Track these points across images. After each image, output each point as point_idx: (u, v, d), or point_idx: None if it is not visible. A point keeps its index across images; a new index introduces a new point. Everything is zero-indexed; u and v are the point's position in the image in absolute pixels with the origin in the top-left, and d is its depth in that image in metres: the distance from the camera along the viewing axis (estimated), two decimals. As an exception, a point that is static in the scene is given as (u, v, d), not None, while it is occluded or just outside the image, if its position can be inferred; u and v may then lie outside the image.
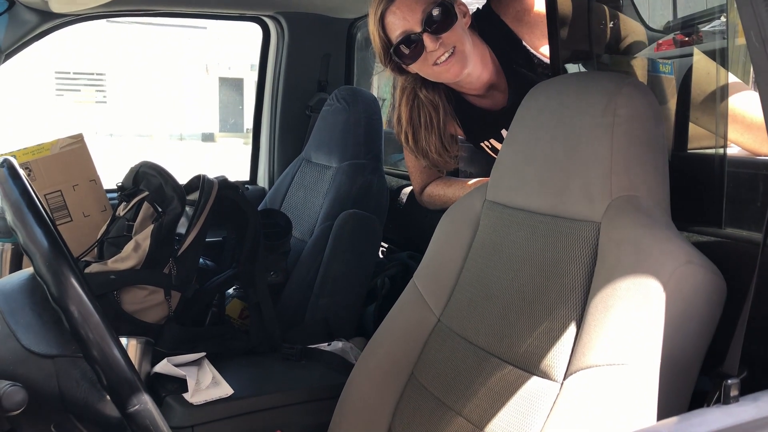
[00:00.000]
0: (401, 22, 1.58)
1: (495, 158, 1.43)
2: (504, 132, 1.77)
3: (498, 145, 1.81)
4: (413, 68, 1.67)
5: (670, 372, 1.00)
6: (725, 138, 1.36)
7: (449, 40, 1.59)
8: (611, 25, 1.71)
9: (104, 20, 2.57)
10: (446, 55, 1.60)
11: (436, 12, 1.55)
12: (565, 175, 1.19)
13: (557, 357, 1.10)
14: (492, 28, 1.72)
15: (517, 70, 1.72)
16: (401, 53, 1.61)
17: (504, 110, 1.75)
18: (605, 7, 1.68)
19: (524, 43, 1.71)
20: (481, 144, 1.86)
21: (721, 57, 1.45)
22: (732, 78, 1.40)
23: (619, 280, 1.04)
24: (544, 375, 1.12)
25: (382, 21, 1.60)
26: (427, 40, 1.58)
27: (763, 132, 1.37)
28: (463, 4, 1.64)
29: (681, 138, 1.46)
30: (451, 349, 1.32)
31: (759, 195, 1.24)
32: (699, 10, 1.63)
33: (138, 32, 16.57)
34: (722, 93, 1.42)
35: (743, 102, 1.38)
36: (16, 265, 1.96)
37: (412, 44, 1.59)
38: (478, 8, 1.79)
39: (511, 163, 1.32)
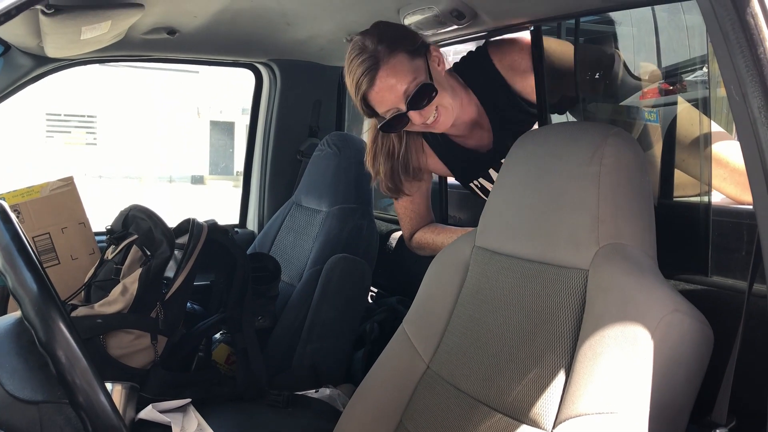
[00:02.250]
0: (385, 103, 1.59)
1: (484, 203, 1.45)
2: (492, 171, 1.80)
3: (487, 185, 1.83)
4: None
5: (659, 420, 0.99)
6: (710, 186, 1.38)
7: (432, 106, 1.60)
8: (597, 75, 1.75)
9: (97, 64, 2.60)
10: (432, 117, 1.62)
11: (416, 91, 1.56)
12: (553, 222, 1.20)
13: (546, 405, 1.10)
14: (480, 71, 1.75)
15: (500, 111, 1.75)
16: (389, 125, 1.63)
17: (490, 151, 1.78)
18: (592, 57, 1.73)
19: (515, 88, 1.75)
20: (470, 184, 1.87)
21: (704, 106, 1.49)
22: (715, 126, 1.44)
23: (607, 327, 1.04)
24: (534, 423, 1.11)
25: (365, 100, 1.61)
26: (413, 115, 1.59)
27: (745, 179, 1.41)
28: (438, 51, 1.66)
29: (666, 186, 1.49)
30: (440, 396, 1.31)
31: (744, 244, 1.26)
32: (682, 60, 1.67)
33: (130, 75, 16.72)
34: (706, 141, 1.46)
35: (725, 149, 1.41)
36: (2, 309, 1.94)
37: (400, 118, 1.61)
38: (470, 51, 1.83)
39: (499, 209, 1.34)
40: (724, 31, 0.88)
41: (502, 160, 1.75)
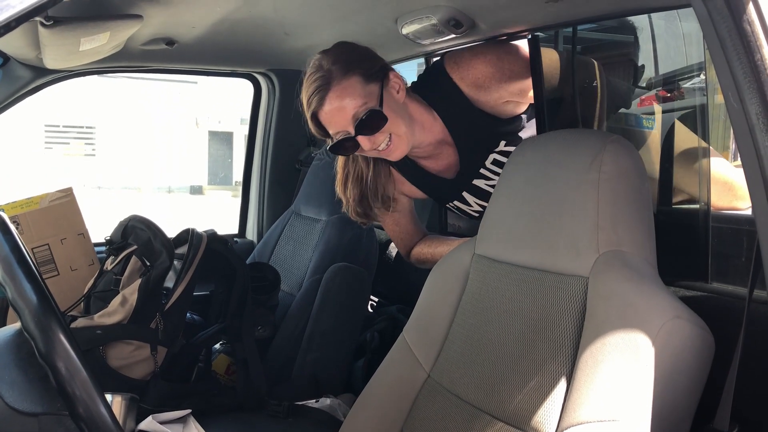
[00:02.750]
0: (334, 124, 1.54)
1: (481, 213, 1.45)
2: (467, 194, 1.76)
3: (464, 207, 1.79)
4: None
5: (661, 428, 0.99)
6: (709, 193, 1.38)
7: (384, 133, 1.55)
8: (594, 84, 1.75)
9: (96, 75, 2.61)
10: (384, 144, 1.56)
11: (364, 117, 1.51)
12: (553, 230, 1.20)
13: (548, 413, 1.10)
14: (440, 92, 1.67)
15: (466, 133, 1.69)
16: (338, 147, 1.59)
17: (459, 175, 1.73)
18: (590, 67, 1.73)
19: (481, 104, 1.67)
20: (447, 206, 1.85)
21: (702, 113, 1.49)
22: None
23: (607, 335, 1.04)
24: (535, 432, 1.11)
25: (315, 118, 1.56)
26: (362, 140, 1.54)
27: (726, 187, 1.41)
28: (398, 78, 1.60)
29: (666, 193, 1.49)
30: (441, 405, 1.31)
31: (743, 250, 1.26)
32: (680, 67, 1.68)
33: (128, 86, 16.76)
34: (704, 149, 1.46)
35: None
36: (1, 320, 1.94)
37: (349, 141, 1.55)
38: (427, 68, 1.77)
39: (499, 217, 1.34)
40: (721, 38, 0.88)
41: (475, 182, 1.72)
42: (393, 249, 2.37)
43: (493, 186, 1.68)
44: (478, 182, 1.72)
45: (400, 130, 1.56)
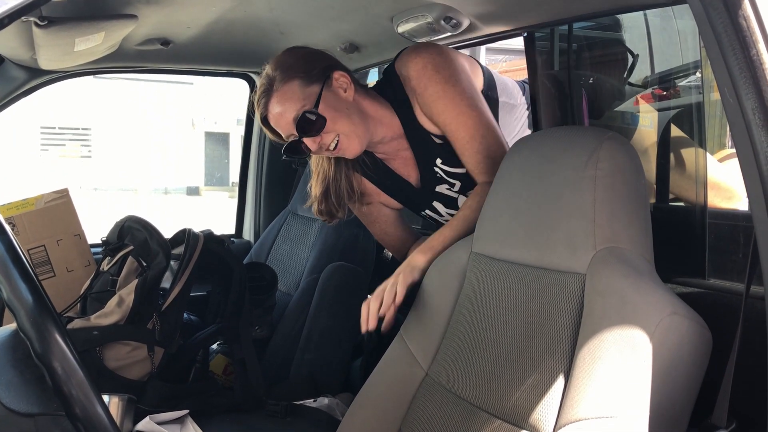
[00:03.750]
0: (280, 128, 1.57)
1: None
2: (438, 204, 1.72)
3: (437, 217, 1.76)
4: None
5: (659, 424, 0.99)
6: (706, 189, 1.39)
7: (329, 133, 1.55)
8: (591, 81, 1.76)
9: (91, 76, 2.60)
10: (333, 144, 1.56)
11: (299, 119, 1.52)
12: (549, 227, 1.20)
13: (546, 410, 1.10)
14: (392, 92, 1.65)
15: (411, 128, 1.65)
16: (289, 149, 1.59)
17: (422, 180, 1.71)
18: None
19: (417, 116, 1.63)
20: (423, 215, 1.81)
21: (698, 111, 1.50)
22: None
23: (605, 331, 1.04)
24: (533, 429, 1.11)
25: (267, 123, 1.59)
26: (307, 141, 1.55)
27: (712, 187, 1.42)
28: (345, 76, 1.58)
29: (663, 189, 1.49)
30: (439, 403, 1.31)
31: (740, 246, 1.26)
32: (675, 65, 1.68)
33: (124, 87, 16.73)
34: (701, 146, 1.46)
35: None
36: (-3, 321, 1.93)
37: (298, 143, 1.56)
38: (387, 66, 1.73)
39: (496, 215, 1.34)
40: (717, 33, 0.88)
41: (438, 188, 1.68)
42: (390, 248, 2.37)
43: (456, 192, 1.68)
44: (440, 188, 1.69)
45: (345, 128, 1.55)
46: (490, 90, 1.71)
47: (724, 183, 1.53)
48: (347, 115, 1.57)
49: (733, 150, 1.61)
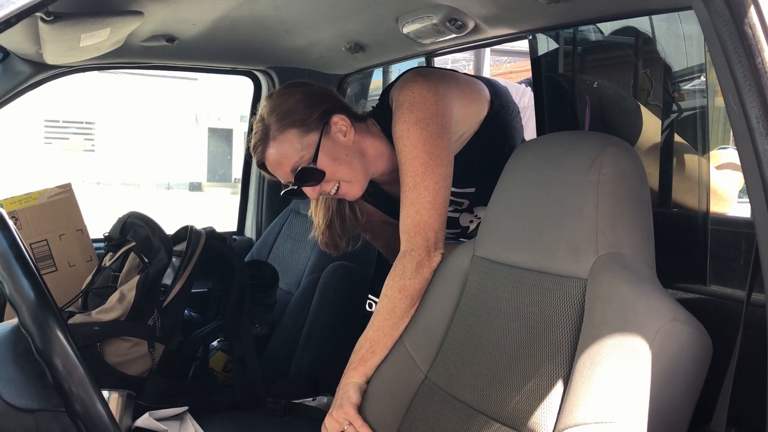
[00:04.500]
0: (278, 175, 1.54)
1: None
2: None
3: None
4: None
5: (658, 430, 0.99)
6: (708, 195, 1.39)
7: (329, 182, 1.52)
8: (595, 85, 1.75)
9: (96, 71, 2.60)
10: (333, 190, 1.53)
11: (300, 173, 1.49)
12: (552, 231, 1.20)
13: (545, 414, 1.10)
14: (387, 124, 1.56)
15: None
16: (291, 194, 1.56)
17: None
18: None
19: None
20: None
21: (701, 115, 1.50)
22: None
23: (605, 337, 1.04)
24: (532, 433, 1.11)
25: (264, 167, 1.56)
26: (307, 191, 1.52)
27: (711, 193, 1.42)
28: (343, 120, 1.53)
29: (665, 195, 1.49)
30: (438, 406, 1.31)
31: (742, 253, 1.26)
32: (680, 68, 1.68)
33: (128, 82, 16.75)
34: (704, 152, 1.46)
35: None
36: (-2, 315, 1.93)
37: (296, 191, 1.54)
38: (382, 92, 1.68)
39: (498, 219, 1.34)
40: (722, 40, 0.88)
41: None
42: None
43: (461, 209, 1.66)
44: None
45: (346, 176, 1.52)
46: (504, 103, 1.67)
47: (720, 188, 1.53)
48: (348, 162, 1.52)
49: (729, 160, 1.61)
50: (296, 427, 1.70)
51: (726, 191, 1.53)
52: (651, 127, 1.64)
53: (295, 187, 1.53)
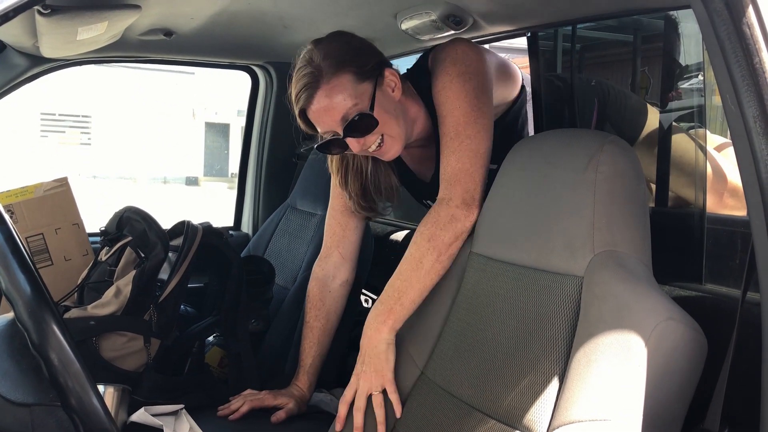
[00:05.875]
0: (322, 123, 1.47)
1: None
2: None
3: None
4: None
5: (653, 428, 1.00)
6: (705, 194, 1.39)
7: (375, 135, 1.47)
8: (593, 83, 1.76)
9: (93, 64, 2.60)
10: (375, 145, 1.49)
11: (353, 119, 1.43)
12: (548, 229, 1.20)
13: (540, 411, 1.10)
14: (425, 88, 1.55)
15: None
16: (326, 146, 1.51)
17: (433, 179, 1.64)
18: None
19: None
20: (422, 201, 1.80)
21: (699, 114, 1.50)
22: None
23: (601, 335, 1.05)
24: (527, 430, 1.11)
25: (303, 115, 1.49)
26: (351, 141, 1.47)
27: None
28: (394, 75, 1.50)
29: (662, 194, 1.49)
30: (434, 402, 1.31)
31: (738, 252, 1.27)
32: (678, 67, 1.68)
33: (125, 75, 16.70)
34: (702, 150, 1.46)
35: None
36: (-7, 309, 1.93)
37: (337, 142, 1.48)
38: (418, 59, 1.65)
39: (495, 216, 1.34)
40: (721, 40, 0.89)
41: None
42: (388, 243, 2.37)
43: None
44: None
45: (393, 131, 1.49)
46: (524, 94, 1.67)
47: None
48: (395, 116, 1.49)
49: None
50: (291, 422, 1.70)
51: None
52: (649, 125, 1.64)
53: (335, 139, 1.47)
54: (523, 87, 1.69)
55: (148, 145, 17.81)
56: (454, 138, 1.43)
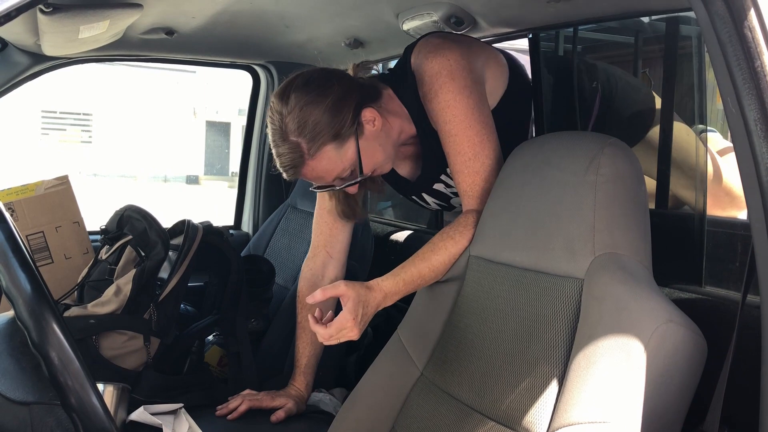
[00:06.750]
0: (315, 182, 1.54)
1: None
2: (426, 195, 1.70)
3: (422, 203, 1.75)
4: None
5: (652, 430, 1.00)
6: (705, 197, 1.39)
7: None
8: (594, 85, 1.75)
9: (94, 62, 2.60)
10: (369, 173, 1.54)
11: (347, 176, 1.49)
12: (549, 231, 1.20)
13: (539, 413, 1.10)
14: (408, 90, 1.54)
15: (427, 137, 1.56)
16: (323, 188, 1.57)
17: (419, 179, 1.67)
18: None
19: (428, 116, 1.53)
20: (410, 197, 1.79)
21: (700, 117, 1.50)
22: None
23: (601, 337, 1.05)
24: None
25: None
26: (350, 189, 1.54)
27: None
28: (371, 112, 1.47)
29: (662, 196, 1.49)
30: (433, 403, 1.31)
31: (737, 255, 1.26)
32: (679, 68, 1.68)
33: (126, 73, 16.70)
34: (702, 152, 1.46)
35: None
36: (-7, 308, 1.93)
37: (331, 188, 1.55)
38: (398, 60, 1.64)
39: (495, 218, 1.34)
40: (722, 43, 0.89)
41: (435, 186, 1.65)
42: (389, 244, 2.37)
43: (453, 191, 1.64)
44: (438, 186, 1.66)
45: (382, 160, 1.53)
46: (520, 76, 1.64)
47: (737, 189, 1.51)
48: (382, 148, 1.52)
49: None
50: (291, 421, 1.70)
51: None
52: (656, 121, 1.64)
53: (333, 187, 1.53)
54: (514, 73, 1.63)
55: (149, 143, 17.81)
56: (473, 159, 1.45)
